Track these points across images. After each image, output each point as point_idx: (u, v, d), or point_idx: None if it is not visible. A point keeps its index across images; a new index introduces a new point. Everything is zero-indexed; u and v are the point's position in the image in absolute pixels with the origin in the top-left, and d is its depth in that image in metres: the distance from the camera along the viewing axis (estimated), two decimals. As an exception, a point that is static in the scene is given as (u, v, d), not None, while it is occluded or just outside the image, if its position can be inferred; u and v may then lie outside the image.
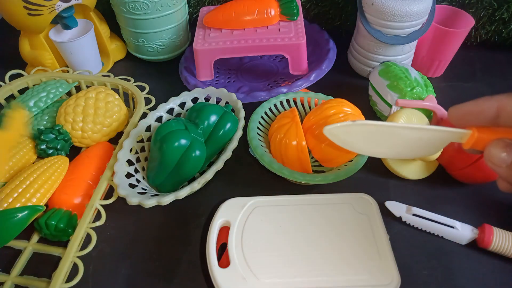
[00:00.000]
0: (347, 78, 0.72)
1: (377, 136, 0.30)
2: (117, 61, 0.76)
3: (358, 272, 0.40)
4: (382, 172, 0.55)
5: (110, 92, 0.58)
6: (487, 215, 0.50)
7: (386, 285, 0.39)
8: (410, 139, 0.30)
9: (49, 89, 0.59)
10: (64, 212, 0.46)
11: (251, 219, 0.45)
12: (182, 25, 0.72)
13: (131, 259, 0.46)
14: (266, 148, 0.53)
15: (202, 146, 0.50)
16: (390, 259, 0.41)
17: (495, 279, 0.44)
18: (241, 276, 0.39)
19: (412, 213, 0.49)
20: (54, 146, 0.53)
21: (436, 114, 0.56)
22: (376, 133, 0.30)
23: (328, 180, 0.48)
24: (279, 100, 0.59)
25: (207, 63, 0.64)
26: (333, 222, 0.45)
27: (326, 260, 0.41)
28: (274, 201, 0.47)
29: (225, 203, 0.46)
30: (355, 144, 0.31)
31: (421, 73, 0.61)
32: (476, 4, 0.71)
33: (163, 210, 0.51)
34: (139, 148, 0.55)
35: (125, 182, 0.49)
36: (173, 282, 0.44)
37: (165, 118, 0.58)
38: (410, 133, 0.29)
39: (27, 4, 0.58)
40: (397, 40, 0.62)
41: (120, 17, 0.69)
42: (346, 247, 0.42)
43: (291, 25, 0.63)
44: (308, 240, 0.43)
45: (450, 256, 0.46)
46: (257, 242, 0.43)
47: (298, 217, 0.45)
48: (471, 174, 0.50)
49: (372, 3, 0.60)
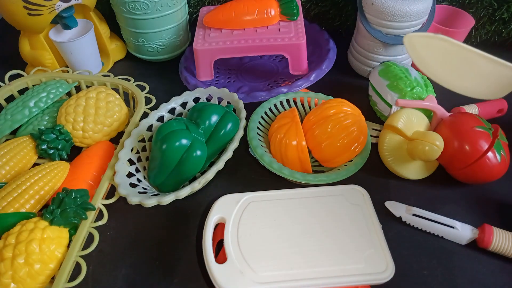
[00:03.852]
0: (347, 78, 0.72)
1: (453, 58, 0.29)
2: (117, 61, 0.76)
3: (354, 261, 0.41)
4: (382, 172, 0.55)
5: (111, 92, 0.58)
6: (487, 215, 0.50)
7: (381, 273, 0.40)
8: (484, 70, 0.28)
9: (49, 89, 0.59)
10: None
11: (246, 214, 0.45)
12: (182, 25, 0.72)
13: (131, 259, 0.46)
14: (266, 148, 0.53)
15: (203, 146, 0.50)
16: (384, 248, 0.42)
17: (495, 279, 0.44)
18: (239, 271, 0.40)
19: (412, 213, 0.49)
20: (55, 146, 0.53)
21: (436, 114, 0.56)
22: (454, 54, 0.28)
23: (328, 180, 0.48)
24: (279, 100, 0.59)
25: (207, 63, 0.64)
26: (326, 213, 0.45)
27: (321, 251, 0.42)
28: (268, 196, 0.47)
29: (219, 199, 0.46)
30: (427, 61, 0.30)
31: (421, 73, 0.61)
32: (476, 4, 0.71)
33: (164, 209, 0.51)
34: (140, 148, 0.55)
35: (126, 181, 0.49)
36: (173, 282, 0.44)
37: (166, 117, 0.58)
38: (486, 63, 0.28)
39: (27, 4, 0.58)
40: (397, 40, 0.62)
41: (120, 17, 0.69)
42: (341, 237, 0.43)
43: (291, 25, 0.63)
44: (303, 232, 0.44)
45: (450, 256, 0.46)
46: (253, 236, 0.43)
47: (292, 210, 0.46)
48: (471, 174, 0.50)
49: (372, 3, 0.60)
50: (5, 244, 0.41)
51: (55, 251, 0.42)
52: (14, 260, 0.39)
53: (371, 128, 0.60)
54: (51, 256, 0.41)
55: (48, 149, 0.53)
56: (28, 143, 0.54)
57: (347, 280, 0.39)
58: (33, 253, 0.40)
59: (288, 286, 0.39)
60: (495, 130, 0.50)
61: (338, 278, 0.40)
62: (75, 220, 0.44)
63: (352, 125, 0.50)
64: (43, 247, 0.41)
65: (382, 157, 0.54)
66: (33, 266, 0.40)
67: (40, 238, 0.41)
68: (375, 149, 0.56)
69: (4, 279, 0.39)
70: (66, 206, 0.44)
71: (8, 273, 0.39)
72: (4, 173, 0.50)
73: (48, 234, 0.42)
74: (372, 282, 0.40)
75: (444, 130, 0.52)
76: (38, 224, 0.42)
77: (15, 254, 0.40)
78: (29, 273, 0.40)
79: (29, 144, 0.54)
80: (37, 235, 0.41)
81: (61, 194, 0.45)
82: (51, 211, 0.44)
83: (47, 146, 0.53)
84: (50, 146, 0.53)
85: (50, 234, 0.42)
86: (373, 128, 0.61)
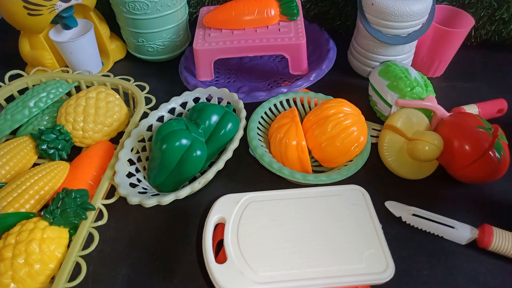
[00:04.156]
0: (347, 78, 0.72)
1: None
2: (117, 61, 0.76)
3: (354, 261, 0.41)
4: (382, 172, 0.55)
5: (111, 92, 0.58)
6: (487, 215, 0.50)
7: (381, 273, 0.40)
8: None
9: (49, 89, 0.59)
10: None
11: (246, 214, 0.45)
12: (182, 25, 0.72)
13: (131, 259, 0.46)
14: (266, 148, 0.53)
15: (203, 146, 0.50)
16: (384, 247, 0.42)
17: (495, 279, 0.44)
18: (239, 271, 0.40)
19: (412, 213, 0.49)
20: (55, 146, 0.53)
21: (436, 114, 0.56)
22: None
23: (328, 180, 0.48)
24: (279, 100, 0.59)
25: (207, 63, 0.64)
26: (327, 213, 0.45)
27: (321, 251, 0.42)
28: (268, 196, 0.47)
29: (219, 199, 0.46)
30: None
31: (421, 73, 0.61)
32: (476, 4, 0.71)
33: (164, 209, 0.51)
34: (140, 148, 0.55)
35: (126, 181, 0.49)
36: (173, 282, 0.44)
37: (166, 117, 0.58)
38: None
39: (27, 4, 0.58)
40: (397, 40, 0.62)
41: (120, 17, 0.69)
42: (341, 237, 0.43)
43: (291, 25, 0.63)
44: (303, 232, 0.44)
45: (450, 256, 0.46)
46: (253, 236, 0.43)
47: (292, 210, 0.46)
48: (471, 174, 0.50)
49: (372, 3, 0.60)
50: (5, 244, 0.41)
51: (55, 251, 0.42)
52: (14, 260, 0.39)
53: (371, 128, 0.60)
54: (51, 256, 0.41)
55: (48, 149, 0.53)
56: (28, 143, 0.54)
57: (347, 280, 0.39)
58: (33, 253, 0.40)
59: (288, 286, 0.39)
60: (495, 130, 0.50)
61: (338, 278, 0.40)
62: (75, 220, 0.44)
63: (352, 125, 0.50)
64: (43, 247, 0.41)
65: (382, 157, 0.54)
66: (33, 266, 0.40)
67: (40, 238, 0.41)
68: (375, 149, 0.56)
69: (4, 279, 0.39)
70: (66, 206, 0.44)
71: (8, 273, 0.39)
72: (4, 173, 0.50)
73: (48, 234, 0.42)
74: (372, 282, 0.40)
75: (444, 130, 0.52)
76: (38, 224, 0.42)
77: (15, 254, 0.40)
78: (29, 273, 0.40)
79: (29, 144, 0.54)
80: (37, 235, 0.41)
81: (61, 194, 0.45)
82: (51, 211, 0.44)
83: (47, 146, 0.53)
84: (50, 146, 0.53)
85: (50, 234, 0.42)
86: (373, 128, 0.61)
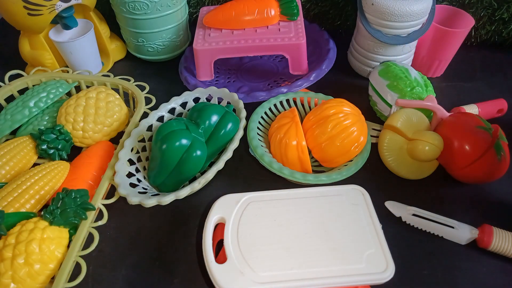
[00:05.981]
0: (347, 78, 0.72)
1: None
2: (117, 61, 0.76)
3: (354, 261, 0.41)
4: (382, 172, 0.55)
5: (111, 92, 0.58)
6: (487, 215, 0.50)
7: (381, 273, 0.40)
8: None
9: (49, 89, 0.59)
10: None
11: (246, 214, 0.45)
12: (182, 25, 0.72)
13: (131, 259, 0.46)
14: (266, 148, 0.53)
15: (203, 146, 0.50)
16: (384, 247, 0.42)
17: (495, 279, 0.44)
18: (239, 271, 0.40)
19: (412, 213, 0.49)
20: (55, 146, 0.53)
21: (436, 114, 0.56)
22: None
23: (328, 180, 0.48)
24: (279, 100, 0.59)
25: (207, 63, 0.64)
26: (327, 213, 0.45)
27: (321, 251, 0.42)
28: (268, 196, 0.47)
29: (219, 199, 0.46)
30: None
31: (421, 73, 0.61)
32: (476, 4, 0.71)
33: (164, 209, 0.51)
34: (140, 148, 0.55)
35: (126, 181, 0.49)
36: (173, 282, 0.44)
37: (166, 117, 0.58)
38: None
39: (27, 4, 0.58)
40: (397, 40, 0.62)
41: (120, 17, 0.69)
42: (341, 237, 0.43)
43: (291, 25, 0.63)
44: (303, 232, 0.44)
45: (450, 256, 0.46)
46: (253, 236, 0.43)
47: (292, 210, 0.46)
48: (471, 174, 0.50)
49: (372, 3, 0.60)
50: (5, 244, 0.41)
51: (55, 251, 0.42)
52: (14, 260, 0.39)
53: (371, 128, 0.60)
54: (51, 256, 0.41)
55: (48, 149, 0.53)
56: (28, 143, 0.54)
57: (347, 280, 0.39)
58: (33, 253, 0.40)
59: (288, 286, 0.39)
60: (495, 130, 0.50)
61: (338, 278, 0.40)
62: (75, 220, 0.44)
63: (352, 125, 0.50)
64: (43, 247, 0.41)
65: (382, 157, 0.54)
66: (33, 266, 0.40)
67: (40, 238, 0.41)
68: (375, 149, 0.56)
69: (4, 279, 0.39)
70: (66, 206, 0.44)
71: (8, 273, 0.39)
72: (4, 173, 0.50)
73: (48, 234, 0.42)
74: (372, 282, 0.40)
75: (444, 130, 0.52)
76: (38, 224, 0.42)
77: (15, 254, 0.40)
78: (29, 273, 0.40)
79: (29, 144, 0.54)
80: (37, 235, 0.41)
81: (61, 194, 0.45)
82: (51, 211, 0.44)
83: (47, 146, 0.53)
84: (50, 146, 0.53)
85: (50, 234, 0.42)
86: (373, 128, 0.61)
